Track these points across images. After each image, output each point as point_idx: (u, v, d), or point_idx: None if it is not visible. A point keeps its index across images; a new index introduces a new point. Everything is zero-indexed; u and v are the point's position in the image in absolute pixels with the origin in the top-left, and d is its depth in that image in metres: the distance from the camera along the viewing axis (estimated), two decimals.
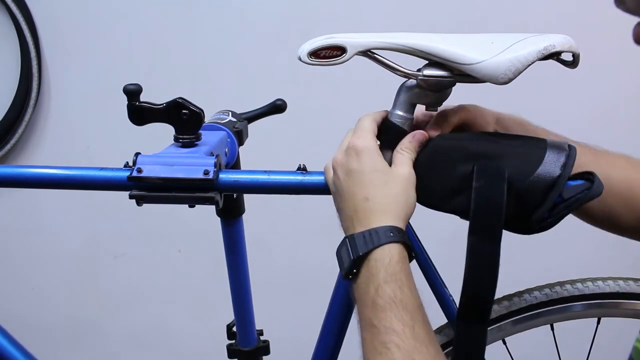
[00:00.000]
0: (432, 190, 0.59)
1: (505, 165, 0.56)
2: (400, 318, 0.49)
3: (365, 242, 0.53)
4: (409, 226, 0.63)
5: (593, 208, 0.67)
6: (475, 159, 0.57)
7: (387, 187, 0.56)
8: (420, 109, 0.64)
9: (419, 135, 0.60)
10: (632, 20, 0.43)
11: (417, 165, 0.60)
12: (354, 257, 0.53)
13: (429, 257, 0.78)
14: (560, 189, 0.55)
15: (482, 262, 0.55)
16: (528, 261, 1.41)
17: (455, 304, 0.79)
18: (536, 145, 0.57)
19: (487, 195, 0.55)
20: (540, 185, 0.55)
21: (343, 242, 0.56)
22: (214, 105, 0.85)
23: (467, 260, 0.55)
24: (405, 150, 0.60)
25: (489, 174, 0.55)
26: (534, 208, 0.55)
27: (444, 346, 0.81)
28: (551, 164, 0.55)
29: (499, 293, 0.84)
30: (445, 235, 1.25)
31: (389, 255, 0.52)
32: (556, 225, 0.71)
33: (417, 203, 0.59)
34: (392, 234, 0.53)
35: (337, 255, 0.56)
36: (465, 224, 0.56)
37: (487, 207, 0.55)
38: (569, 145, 0.57)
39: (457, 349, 0.58)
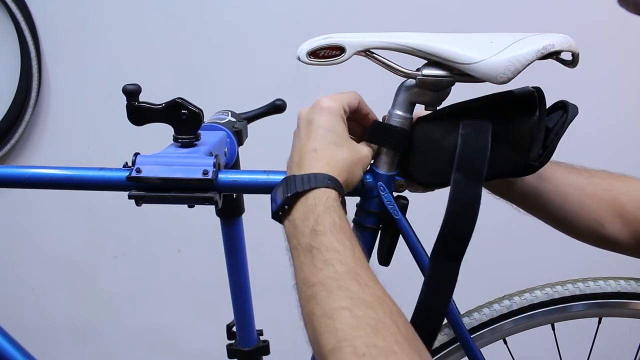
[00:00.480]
0: (436, 168, 0.61)
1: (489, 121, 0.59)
2: (341, 241, 0.50)
3: (303, 183, 0.54)
4: (406, 220, 0.63)
5: (580, 219, 0.69)
6: (457, 125, 0.60)
7: (339, 149, 0.58)
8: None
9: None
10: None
11: (413, 151, 0.62)
12: (289, 193, 0.54)
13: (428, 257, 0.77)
14: (544, 122, 0.59)
15: (464, 199, 0.57)
16: (529, 260, 1.41)
17: (455, 304, 0.79)
18: (506, 96, 0.61)
19: (472, 139, 0.58)
20: (525, 126, 0.59)
21: (280, 183, 0.57)
22: (213, 105, 0.85)
23: (450, 196, 0.57)
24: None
25: (474, 125, 0.59)
26: (527, 148, 0.59)
27: (444, 345, 0.81)
28: (526, 106, 0.60)
29: (500, 293, 0.85)
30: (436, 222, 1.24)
31: (326, 195, 0.54)
32: (524, 210, 0.72)
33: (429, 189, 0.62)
34: (330, 181, 0.55)
35: (271, 196, 0.58)
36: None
37: (472, 149, 0.58)
38: (533, 87, 0.61)
39: (427, 284, 0.59)
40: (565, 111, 0.61)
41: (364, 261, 0.50)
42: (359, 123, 0.65)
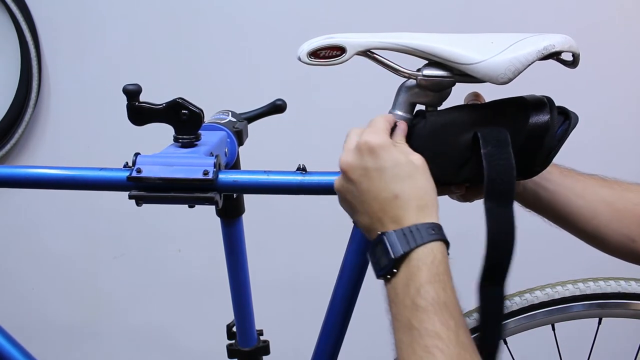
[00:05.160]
0: (442, 166, 0.60)
1: (502, 127, 0.59)
2: (445, 322, 0.47)
3: (407, 240, 0.50)
4: None
5: (611, 234, 0.69)
6: (472, 127, 0.59)
7: (413, 180, 0.54)
8: None
9: (403, 125, 0.60)
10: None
11: (420, 146, 0.60)
12: (394, 255, 0.50)
13: None
14: (555, 129, 0.59)
15: (501, 226, 0.56)
16: (529, 261, 1.41)
17: None
18: (519, 102, 0.61)
19: (498, 161, 0.57)
20: (536, 133, 0.59)
21: (378, 241, 0.53)
22: (213, 105, 0.85)
23: (487, 226, 0.56)
24: (401, 142, 0.58)
25: (495, 140, 0.58)
26: (534, 154, 0.60)
27: None
28: (538, 113, 0.59)
29: None
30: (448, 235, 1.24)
31: (431, 254, 0.50)
32: (556, 228, 0.72)
33: None
34: (433, 232, 0.51)
35: (370, 255, 0.54)
36: (464, 224, 0.56)
37: (499, 173, 0.57)
38: (543, 96, 0.61)
39: (482, 316, 0.58)
40: (565, 118, 0.61)
41: (469, 347, 0.47)
42: None
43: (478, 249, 0.57)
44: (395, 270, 0.51)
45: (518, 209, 0.71)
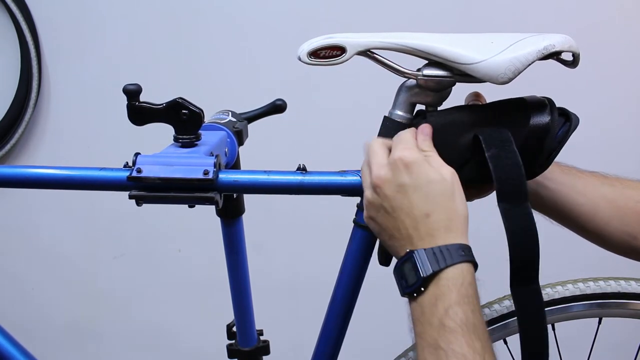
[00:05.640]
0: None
1: (503, 128, 0.59)
2: (472, 344, 0.46)
3: (437, 259, 0.50)
4: None
5: (612, 232, 0.68)
6: (472, 128, 0.59)
7: (446, 198, 0.54)
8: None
9: (427, 129, 0.59)
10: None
11: None
12: (424, 274, 0.50)
13: None
14: (556, 130, 0.59)
15: (520, 225, 0.56)
16: None
17: None
18: (519, 103, 0.61)
19: (505, 162, 0.56)
20: (536, 134, 0.59)
21: (406, 258, 0.53)
22: (213, 105, 0.85)
23: (506, 227, 0.56)
24: (431, 151, 0.57)
25: (498, 141, 0.58)
26: (534, 155, 0.60)
27: None
28: (538, 114, 0.59)
29: (500, 293, 0.84)
30: None
31: (461, 275, 0.50)
32: (558, 226, 0.72)
33: None
34: (463, 253, 0.51)
35: (397, 272, 0.54)
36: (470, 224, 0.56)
37: (508, 173, 0.56)
38: (543, 97, 0.61)
39: (522, 319, 0.57)
40: (566, 119, 0.61)
41: None
42: None
43: (476, 248, 0.57)
44: (423, 289, 0.51)
45: None
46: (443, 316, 0.48)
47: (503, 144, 0.57)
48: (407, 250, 0.53)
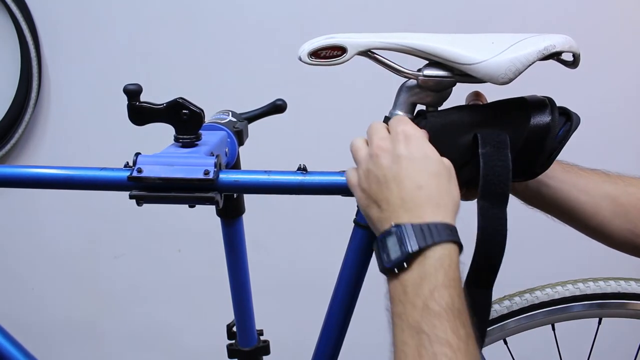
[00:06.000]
0: None
1: (503, 128, 0.59)
2: (456, 331, 0.45)
3: (424, 236, 0.48)
4: None
5: (615, 229, 0.68)
6: (473, 128, 0.60)
7: (440, 178, 0.53)
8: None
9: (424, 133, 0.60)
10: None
11: None
12: (409, 250, 0.48)
13: None
14: (556, 130, 0.59)
15: (492, 226, 0.56)
16: (529, 261, 1.41)
17: None
18: (520, 103, 0.61)
19: (495, 162, 0.57)
20: (537, 134, 0.59)
21: (390, 232, 0.50)
22: (214, 105, 0.85)
23: (479, 225, 0.56)
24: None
25: (493, 141, 0.58)
26: (535, 155, 0.60)
27: None
28: (539, 114, 0.59)
29: (500, 293, 0.85)
30: None
31: (448, 256, 0.48)
32: (558, 226, 0.72)
33: None
34: (450, 232, 0.49)
35: (378, 244, 0.51)
36: (465, 225, 0.56)
37: (495, 174, 0.57)
38: (544, 97, 0.61)
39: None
40: (567, 119, 0.61)
41: (477, 357, 0.45)
42: None
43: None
44: (406, 265, 0.48)
45: (520, 206, 0.71)
46: (428, 298, 0.46)
47: (498, 145, 0.58)
48: (393, 223, 0.51)
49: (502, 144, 0.57)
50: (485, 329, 0.58)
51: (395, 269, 0.49)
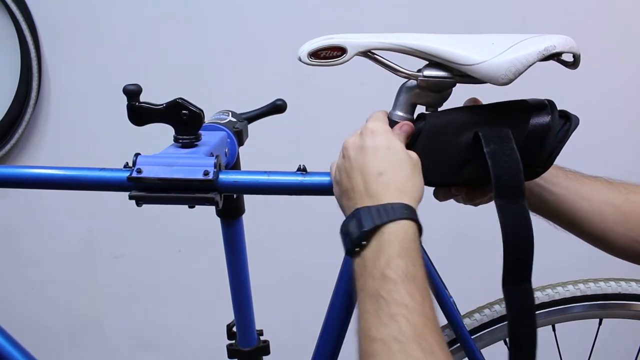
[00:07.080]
0: (441, 167, 0.61)
1: (503, 127, 0.59)
2: (411, 294, 0.47)
3: (380, 215, 0.51)
4: None
5: (618, 237, 0.68)
6: (472, 127, 0.60)
7: (402, 166, 0.55)
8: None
9: (406, 126, 0.61)
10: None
11: (418, 148, 0.60)
12: (367, 227, 0.51)
13: (429, 259, 0.78)
14: (556, 131, 0.60)
15: (515, 223, 0.56)
16: None
17: (456, 305, 0.79)
18: (520, 104, 0.61)
19: (503, 158, 0.57)
20: (536, 134, 0.59)
21: (351, 216, 0.53)
22: (214, 105, 0.85)
23: (502, 223, 0.56)
24: (400, 137, 0.60)
25: (497, 137, 0.58)
26: (535, 155, 0.60)
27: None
28: (539, 115, 0.60)
29: (500, 294, 0.84)
30: (446, 237, 1.25)
31: (403, 230, 0.51)
32: (561, 230, 0.72)
33: (425, 187, 0.59)
34: (406, 211, 0.52)
35: (342, 230, 0.54)
36: (465, 224, 0.56)
37: (506, 169, 0.56)
38: (544, 98, 0.62)
39: (512, 318, 0.57)
40: (566, 120, 0.61)
41: (433, 320, 0.47)
42: None
43: (476, 248, 0.57)
44: (364, 243, 0.51)
45: None
46: (384, 267, 0.49)
47: (502, 140, 0.58)
48: (355, 208, 0.54)
49: (505, 139, 0.58)
50: (534, 325, 0.57)
51: (357, 249, 0.52)
